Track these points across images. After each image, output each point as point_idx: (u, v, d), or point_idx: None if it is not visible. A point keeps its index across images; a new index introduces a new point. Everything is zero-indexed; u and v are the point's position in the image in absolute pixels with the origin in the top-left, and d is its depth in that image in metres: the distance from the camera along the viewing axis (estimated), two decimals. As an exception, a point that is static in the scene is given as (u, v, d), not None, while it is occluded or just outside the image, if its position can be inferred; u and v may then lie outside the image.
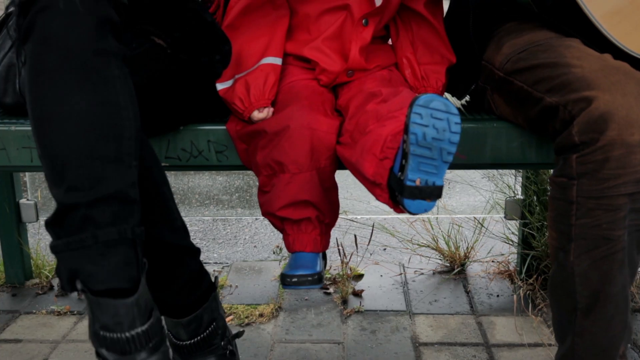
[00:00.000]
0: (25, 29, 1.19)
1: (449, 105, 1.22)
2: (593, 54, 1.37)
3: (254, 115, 1.51)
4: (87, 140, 1.15)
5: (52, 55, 1.16)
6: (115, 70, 1.20)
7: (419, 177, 1.24)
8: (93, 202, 1.14)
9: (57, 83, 1.15)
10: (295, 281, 1.40)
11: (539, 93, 1.38)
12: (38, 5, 1.18)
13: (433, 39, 1.65)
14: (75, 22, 1.17)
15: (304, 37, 1.61)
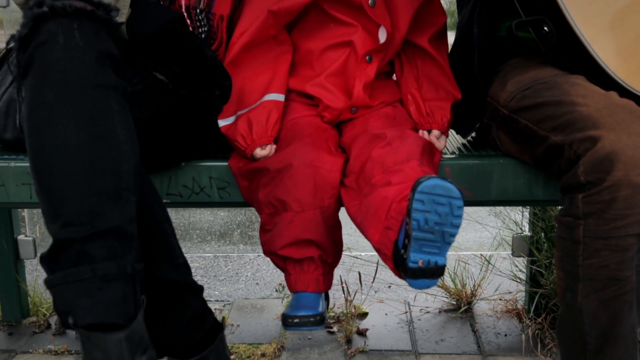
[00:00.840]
0: (25, 64, 1.21)
1: (451, 190, 1.23)
2: (598, 92, 1.38)
3: (256, 152, 1.52)
4: (83, 174, 1.16)
5: (50, 88, 1.18)
6: (114, 104, 1.21)
7: (421, 259, 1.27)
8: (89, 238, 1.14)
9: (55, 116, 1.17)
10: (297, 322, 1.40)
11: (544, 132, 1.39)
12: (38, 39, 1.20)
13: (438, 75, 1.67)
14: (74, 56, 1.19)
15: (307, 73, 1.63)
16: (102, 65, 1.21)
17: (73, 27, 1.20)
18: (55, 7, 1.21)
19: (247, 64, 1.58)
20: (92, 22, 1.22)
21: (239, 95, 1.56)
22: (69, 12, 1.21)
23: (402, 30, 1.62)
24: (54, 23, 1.20)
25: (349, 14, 1.58)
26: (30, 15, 1.21)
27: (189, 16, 1.60)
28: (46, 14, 1.20)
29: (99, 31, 1.23)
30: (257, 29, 1.56)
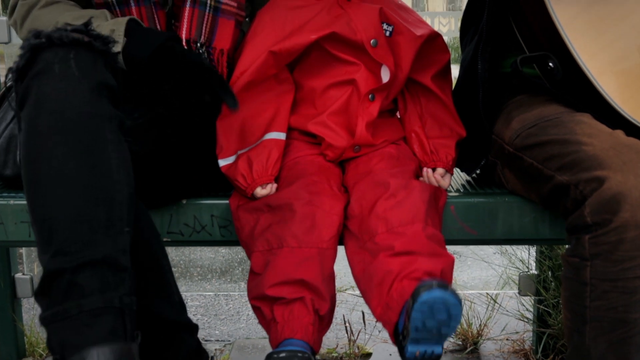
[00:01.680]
0: (22, 95, 1.23)
1: (449, 301, 1.24)
2: (604, 131, 1.39)
3: (257, 192, 1.53)
4: (75, 203, 1.17)
5: (45, 118, 1.19)
6: (108, 134, 1.22)
7: (418, 350, 1.30)
8: (79, 267, 1.14)
9: (49, 145, 1.18)
10: (284, 357, 1.32)
11: (550, 171, 1.40)
12: (34, 70, 1.22)
13: (442, 113, 1.68)
14: (70, 85, 1.21)
15: (309, 111, 1.64)
16: (97, 95, 1.23)
17: (69, 57, 1.23)
18: (52, 37, 1.23)
19: (248, 103, 1.59)
20: (88, 53, 1.25)
21: (239, 135, 1.57)
22: (66, 43, 1.23)
23: (405, 69, 1.64)
24: (50, 53, 1.22)
25: (351, 53, 1.60)
26: (28, 45, 1.23)
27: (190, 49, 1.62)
28: (43, 45, 1.23)
29: (96, 62, 1.25)
30: (257, 69, 1.57)
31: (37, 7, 1.59)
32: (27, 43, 1.24)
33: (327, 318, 1.41)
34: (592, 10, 1.51)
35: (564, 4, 1.49)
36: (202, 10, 1.63)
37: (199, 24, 1.63)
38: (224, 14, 1.65)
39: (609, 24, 1.51)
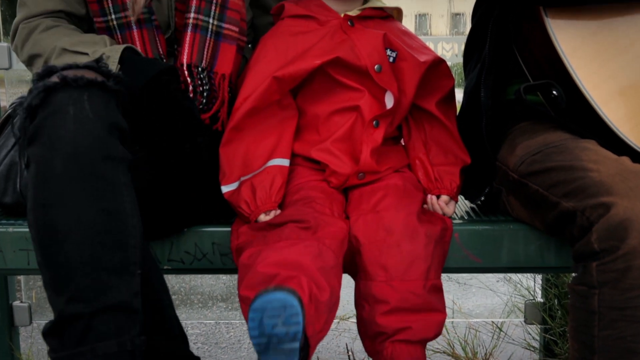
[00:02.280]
0: (32, 133, 1.23)
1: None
2: (610, 157, 1.40)
3: (260, 218, 1.53)
4: (93, 250, 1.19)
5: (59, 160, 1.20)
6: (122, 177, 1.24)
7: None
8: (96, 313, 1.17)
9: (64, 189, 1.20)
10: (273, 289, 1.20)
11: (555, 197, 1.40)
12: (47, 110, 1.23)
13: (446, 140, 1.69)
14: (84, 128, 1.22)
15: (313, 137, 1.65)
16: (110, 137, 1.25)
17: (83, 99, 1.24)
18: (67, 78, 1.24)
19: (251, 129, 1.60)
20: (101, 93, 1.26)
21: (242, 161, 1.58)
22: (80, 85, 1.24)
23: (409, 95, 1.65)
24: (64, 94, 1.24)
25: (356, 79, 1.61)
26: (42, 86, 1.24)
27: (190, 74, 1.64)
28: (57, 85, 1.23)
29: (109, 102, 1.27)
30: (260, 95, 1.58)
31: (38, 30, 1.61)
32: (41, 83, 1.25)
33: (326, 307, 1.31)
34: (595, 40, 1.52)
35: (568, 33, 1.51)
36: (203, 35, 1.65)
37: (200, 49, 1.64)
38: (225, 39, 1.67)
39: (612, 53, 1.53)
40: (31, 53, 1.62)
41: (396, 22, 1.75)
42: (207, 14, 1.65)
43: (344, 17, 1.65)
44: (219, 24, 1.66)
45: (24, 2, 1.66)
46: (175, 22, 1.69)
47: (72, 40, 1.56)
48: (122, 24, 1.60)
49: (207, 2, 1.65)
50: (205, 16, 1.65)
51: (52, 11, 1.64)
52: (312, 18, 1.66)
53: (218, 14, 1.66)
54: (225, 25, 1.67)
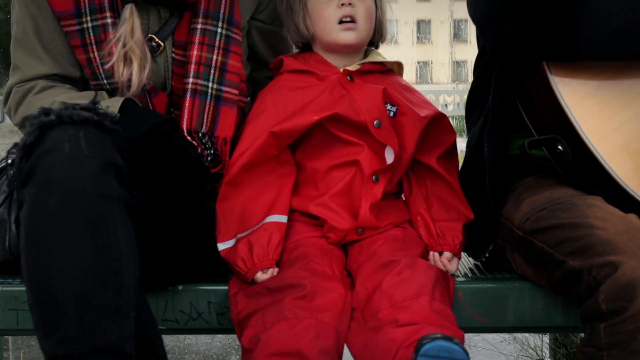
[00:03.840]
0: (27, 172, 1.25)
1: (456, 353, 1.24)
2: (617, 214, 1.40)
3: (257, 277, 1.53)
4: (85, 288, 1.19)
5: (54, 198, 1.22)
6: (117, 215, 1.25)
7: None
8: (87, 355, 1.16)
9: (58, 227, 1.21)
10: None
11: (561, 256, 1.40)
12: (42, 147, 1.25)
13: (448, 195, 1.70)
14: (79, 165, 1.24)
15: (311, 192, 1.66)
16: (106, 174, 1.26)
17: (79, 136, 1.26)
18: (62, 115, 1.27)
19: (248, 185, 1.61)
20: (98, 131, 1.28)
21: (239, 218, 1.59)
22: (76, 121, 1.26)
23: (409, 150, 1.66)
24: (60, 131, 1.26)
25: (355, 134, 1.63)
26: (38, 123, 1.27)
27: (193, 140, 1.65)
28: (53, 122, 1.26)
29: (105, 140, 1.29)
30: (257, 149, 1.60)
31: (32, 93, 1.64)
32: (37, 120, 1.28)
33: None
34: (600, 94, 1.54)
35: (572, 87, 1.53)
36: (202, 99, 1.67)
37: (200, 113, 1.66)
38: (225, 102, 1.69)
39: (617, 107, 1.54)
40: (25, 115, 1.64)
41: (396, 76, 1.78)
42: (206, 78, 1.68)
43: (343, 72, 1.68)
44: (218, 87, 1.69)
45: (17, 66, 1.68)
46: (172, 85, 1.71)
47: (71, 95, 1.59)
48: (115, 89, 1.63)
49: (205, 66, 1.68)
50: (205, 80, 1.68)
51: (47, 75, 1.67)
52: (311, 73, 1.69)
53: (217, 77, 1.69)
54: (225, 88, 1.69)
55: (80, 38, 1.63)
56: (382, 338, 1.37)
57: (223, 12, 1.71)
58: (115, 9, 1.63)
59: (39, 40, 1.66)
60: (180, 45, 1.70)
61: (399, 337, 1.35)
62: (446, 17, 28.83)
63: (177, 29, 1.71)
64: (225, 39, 1.70)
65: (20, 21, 1.68)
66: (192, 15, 1.70)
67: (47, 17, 1.65)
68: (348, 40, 1.67)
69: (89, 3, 1.61)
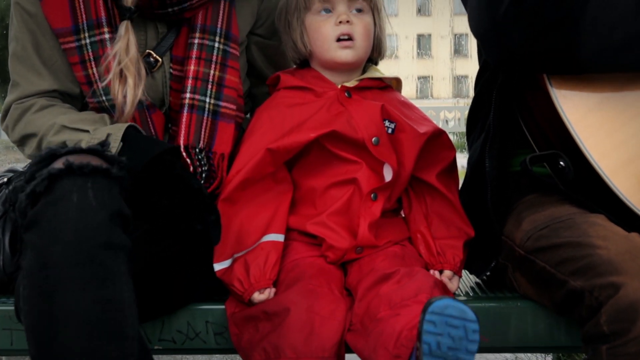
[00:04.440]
0: (32, 219, 1.24)
1: (465, 311, 1.23)
2: (619, 233, 1.40)
3: (254, 297, 1.52)
4: (89, 340, 1.19)
5: (60, 248, 1.21)
6: (121, 265, 1.25)
7: None
8: None
9: (64, 278, 1.20)
10: None
11: (563, 275, 1.39)
12: (50, 196, 1.24)
13: (448, 212, 1.69)
14: (87, 216, 1.23)
15: (308, 211, 1.65)
16: (113, 225, 1.26)
17: (87, 187, 1.25)
18: (72, 166, 1.26)
19: (244, 203, 1.61)
20: (105, 181, 1.27)
21: (235, 237, 1.58)
22: (85, 172, 1.26)
23: (408, 167, 1.66)
24: (69, 181, 1.25)
25: (353, 151, 1.62)
26: (46, 173, 1.26)
27: (189, 155, 1.64)
28: (62, 172, 1.25)
29: (112, 189, 1.28)
30: (254, 167, 1.59)
31: (32, 110, 1.63)
32: (47, 170, 1.27)
33: None
34: (602, 110, 1.54)
35: (573, 102, 1.52)
36: (200, 115, 1.66)
37: (198, 129, 1.66)
38: (223, 117, 1.68)
39: (620, 123, 1.54)
40: (24, 133, 1.64)
41: (395, 93, 1.77)
42: (203, 93, 1.67)
43: (341, 88, 1.67)
44: (215, 102, 1.68)
45: (16, 82, 1.68)
46: (169, 100, 1.71)
47: (72, 118, 1.59)
48: (113, 105, 1.62)
49: (203, 81, 1.67)
50: (202, 95, 1.67)
51: (47, 91, 1.66)
52: (309, 89, 1.68)
53: (215, 92, 1.68)
54: (223, 103, 1.69)
55: (78, 55, 1.63)
56: (384, 328, 1.37)
57: (220, 26, 1.71)
58: (113, 24, 1.63)
59: (39, 56, 1.66)
60: (178, 60, 1.71)
61: (400, 324, 1.34)
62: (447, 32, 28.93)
63: (174, 44, 1.71)
64: (222, 54, 1.70)
65: (19, 37, 1.67)
66: (190, 30, 1.70)
67: (46, 33, 1.65)
68: (346, 59, 1.67)
69: (86, 19, 1.61)
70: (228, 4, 1.73)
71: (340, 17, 1.65)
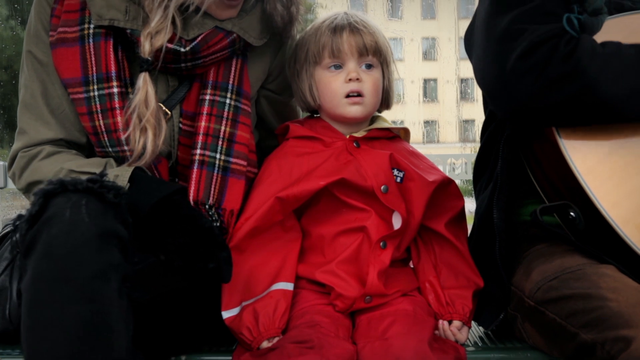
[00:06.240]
0: (30, 241, 1.27)
1: None
2: (629, 285, 1.40)
3: (263, 346, 1.52)
4: (72, 351, 1.20)
5: (51, 263, 1.23)
6: (112, 283, 1.26)
7: None
8: None
9: (52, 290, 1.22)
10: None
11: (574, 327, 1.39)
12: (45, 215, 1.27)
13: (457, 262, 1.70)
14: (78, 230, 1.25)
15: (317, 259, 1.66)
16: (105, 243, 1.27)
17: (81, 203, 1.28)
18: (65, 183, 1.29)
19: (253, 252, 1.62)
20: (100, 203, 1.30)
21: (244, 285, 1.59)
22: (79, 189, 1.28)
23: (417, 216, 1.67)
24: (63, 198, 1.28)
25: (362, 199, 1.64)
26: (41, 192, 1.29)
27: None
28: (56, 190, 1.28)
29: (107, 211, 1.30)
30: (263, 215, 1.61)
31: (38, 158, 1.65)
32: (40, 190, 1.30)
33: None
34: (611, 160, 1.55)
35: (582, 153, 1.54)
36: (210, 171, 1.68)
37: (207, 185, 1.67)
38: (233, 173, 1.70)
39: (629, 173, 1.55)
40: (30, 180, 1.65)
41: (403, 142, 1.79)
42: (213, 150, 1.69)
43: (349, 139, 1.70)
44: (226, 158, 1.69)
45: (24, 130, 1.69)
46: (177, 154, 1.73)
47: (79, 163, 1.60)
48: (119, 157, 1.64)
49: (213, 137, 1.69)
50: (212, 152, 1.68)
51: (53, 139, 1.68)
52: (318, 139, 1.71)
53: (225, 148, 1.69)
54: (233, 159, 1.70)
55: (86, 106, 1.64)
56: None
57: (232, 82, 1.73)
58: (123, 78, 1.65)
59: (47, 104, 1.68)
60: (188, 115, 1.72)
61: None
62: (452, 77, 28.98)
63: (185, 98, 1.73)
64: (234, 110, 1.72)
65: (29, 86, 1.70)
66: (201, 86, 1.72)
67: (55, 82, 1.67)
68: (355, 114, 1.69)
69: (96, 72, 1.63)
70: (240, 60, 1.75)
71: (350, 75, 1.68)
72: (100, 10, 1.62)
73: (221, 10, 1.67)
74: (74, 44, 1.65)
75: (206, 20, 1.67)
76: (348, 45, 1.68)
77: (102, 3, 1.62)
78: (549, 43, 1.49)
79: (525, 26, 1.52)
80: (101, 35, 1.64)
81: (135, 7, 1.63)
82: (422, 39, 16.96)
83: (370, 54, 1.70)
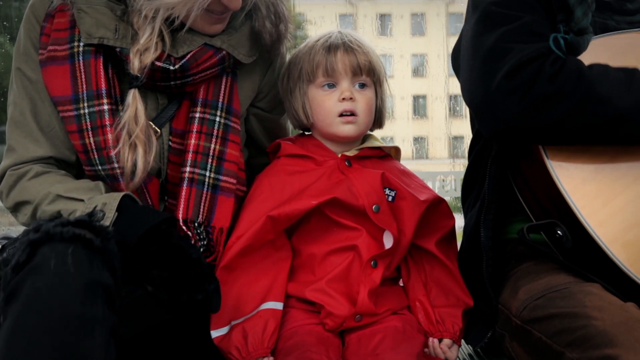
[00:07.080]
0: (12, 289, 1.25)
1: None
2: (615, 303, 1.41)
3: (252, 365, 1.52)
4: None
5: (32, 315, 1.21)
6: (97, 337, 1.24)
7: None
8: None
9: (32, 344, 1.19)
10: None
11: (559, 347, 1.40)
12: (30, 264, 1.25)
13: (447, 280, 1.71)
14: (62, 282, 1.23)
15: (307, 278, 1.67)
16: (91, 294, 1.25)
17: (67, 253, 1.26)
18: (50, 232, 1.27)
19: (243, 270, 1.62)
20: (87, 250, 1.28)
21: (233, 304, 1.59)
22: (65, 238, 1.27)
23: (408, 235, 1.69)
24: (48, 247, 1.26)
25: (353, 218, 1.65)
26: (27, 241, 1.27)
27: (188, 229, 1.66)
28: (42, 240, 1.26)
29: (93, 259, 1.28)
30: (254, 234, 1.61)
31: (27, 177, 1.64)
32: (27, 238, 1.28)
33: None
34: (598, 178, 1.56)
35: (569, 171, 1.55)
36: (199, 189, 1.68)
37: (197, 203, 1.67)
38: (223, 191, 1.70)
39: (616, 191, 1.56)
40: (18, 200, 1.65)
41: (394, 161, 1.81)
42: (203, 167, 1.69)
43: (341, 157, 1.71)
44: (215, 176, 1.70)
45: (12, 148, 1.69)
46: (167, 172, 1.73)
47: (67, 187, 1.59)
48: (109, 175, 1.64)
49: (203, 155, 1.70)
50: (202, 169, 1.69)
51: (43, 157, 1.67)
52: (309, 158, 1.72)
53: (215, 166, 1.70)
54: (223, 177, 1.71)
55: (76, 124, 1.64)
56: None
57: (222, 100, 1.73)
58: (113, 95, 1.65)
59: (36, 122, 1.67)
60: (178, 133, 1.72)
61: None
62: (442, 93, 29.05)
63: (175, 116, 1.73)
64: (223, 128, 1.72)
65: (18, 103, 1.69)
66: (191, 104, 1.72)
67: (45, 99, 1.67)
68: (348, 133, 1.71)
69: (87, 89, 1.63)
70: (230, 78, 1.76)
71: (344, 94, 1.70)
72: (90, 28, 1.62)
73: (209, 25, 1.68)
74: (64, 62, 1.65)
75: (195, 37, 1.68)
76: (342, 64, 1.70)
77: (91, 22, 1.62)
78: (534, 63, 1.51)
79: (511, 45, 1.54)
80: (91, 52, 1.64)
81: (125, 25, 1.64)
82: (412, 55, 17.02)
83: (364, 74, 1.72)
